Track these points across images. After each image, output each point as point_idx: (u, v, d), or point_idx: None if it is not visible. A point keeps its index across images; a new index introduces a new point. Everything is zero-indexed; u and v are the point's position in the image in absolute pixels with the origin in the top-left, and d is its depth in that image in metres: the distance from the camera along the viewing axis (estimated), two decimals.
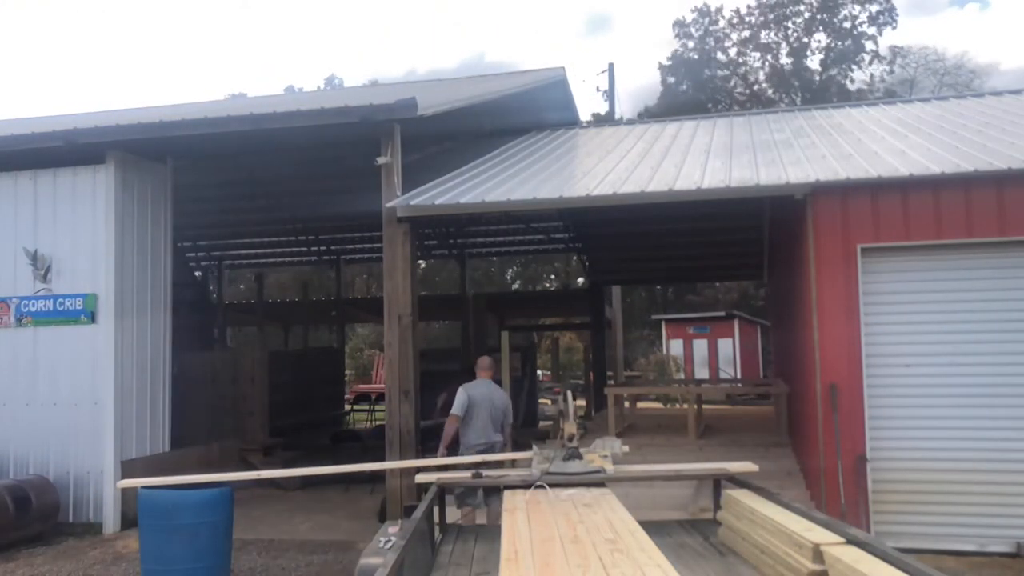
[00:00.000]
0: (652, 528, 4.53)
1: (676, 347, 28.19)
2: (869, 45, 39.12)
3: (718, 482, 5.73)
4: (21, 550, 8.64)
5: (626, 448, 6.45)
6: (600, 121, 23.00)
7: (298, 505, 10.59)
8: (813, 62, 40.14)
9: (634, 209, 10.59)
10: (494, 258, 32.68)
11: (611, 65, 30.02)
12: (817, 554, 3.68)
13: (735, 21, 40.60)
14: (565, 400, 6.17)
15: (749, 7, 40.34)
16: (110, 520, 9.55)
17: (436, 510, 5.45)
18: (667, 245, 17.29)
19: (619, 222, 15.00)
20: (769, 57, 40.27)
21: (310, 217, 17.35)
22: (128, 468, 9.76)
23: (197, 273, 20.61)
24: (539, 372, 24.67)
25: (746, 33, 40.28)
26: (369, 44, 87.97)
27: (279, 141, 10.39)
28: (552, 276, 40.82)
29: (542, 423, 17.73)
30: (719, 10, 41.30)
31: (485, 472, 5.97)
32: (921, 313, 7.99)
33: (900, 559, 3.45)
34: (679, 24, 41.38)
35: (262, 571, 7.75)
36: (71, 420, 9.77)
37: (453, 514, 5.88)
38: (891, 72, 39.47)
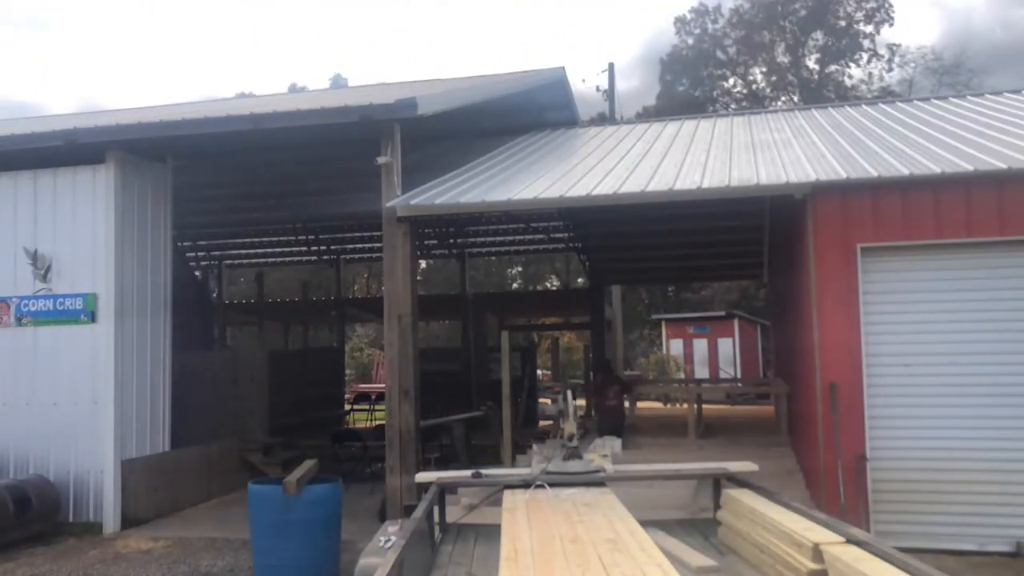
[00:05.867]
0: (651, 527, 4.53)
1: (676, 347, 28.22)
2: (867, 43, 39.19)
3: (718, 482, 5.72)
4: (21, 550, 8.64)
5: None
6: (600, 121, 22.99)
7: None
8: (810, 60, 40.21)
9: (634, 209, 10.60)
10: (494, 258, 32.68)
11: (611, 65, 30.15)
12: (817, 553, 3.68)
13: (734, 20, 40.67)
14: (565, 399, 6.17)
15: (744, 7, 40.39)
16: (110, 520, 9.55)
17: (436, 510, 5.45)
18: (667, 245, 17.27)
19: (619, 222, 14.99)
20: (763, 55, 40.32)
21: (310, 217, 17.36)
22: (128, 468, 9.77)
23: (197, 273, 20.60)
24: (539, 372, 24.68)
25: (744, 32, 40.34)
26: (374, 44, 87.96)
27: (279, 140, 10.39)
28: (552, 276, 40.85)
29: (542, 422, 17.72)
30: (717, 8, 41.46)
31: (485, 471, 5.96)
32: (921, 313, 7.99)
33: (900, 558, 3.45)
34: (680, 21, 41.44)
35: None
36: (71, 420, 9.77)
37: (453, 514, 5.87)
38: (889, 70, 39.57)
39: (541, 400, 20.56)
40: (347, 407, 20.23)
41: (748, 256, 17.80)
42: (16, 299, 10.09)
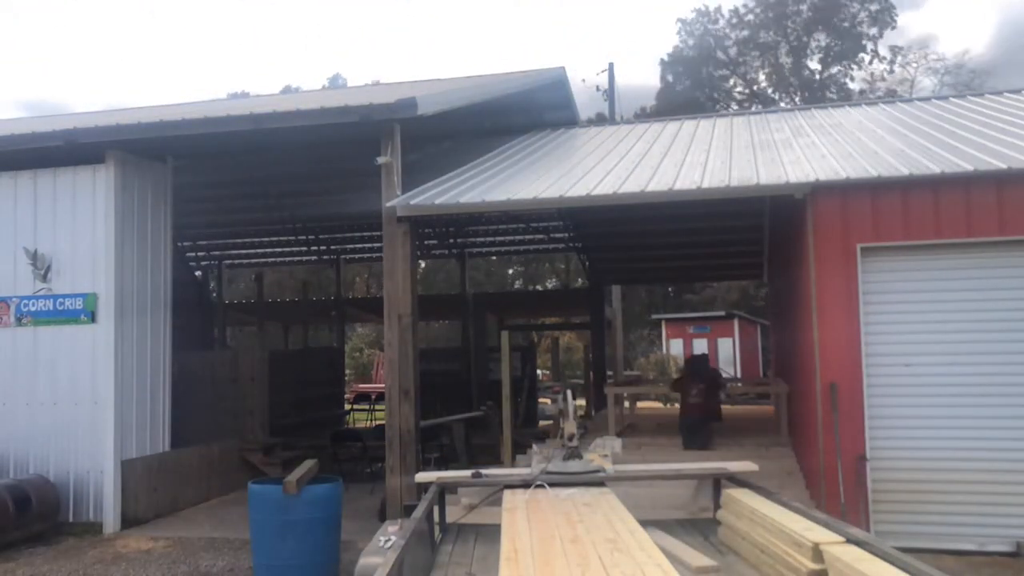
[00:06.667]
0: (651, 527, 4.53)
1: (676, 347, 28.23)
2: (869, 45, 39.20)
3: (718, 481, 5.72)
4: (21, 550, 8.64)
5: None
6: (600, 121, 22.99)
7: None
8: (813, 61, 40.21)
9: (634, 209, 10.60)
10: (494, 258, 32.69)
11: (611, 65, 30.21)
12: (817, 553, 3.68)
13: (735, 21, 40.68)
14: (565, 399, 6.17)
15: (747, 6, 40.39)
16: (110, 520, 9.55)
17: (436, 510, 5.45)
18: (667, 245, 17.28)
19: (619, 222, 15.00)
20: (769, 57, 40.31)
21: (310, 217, 17.36)
22: (128, 468, 9.78)
23: (197, 273, 20.60)
24: (539, 372, 24.68)
25: (746, 33, 40.33)
26: (373, 44, 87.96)
27: (279, 141, 10.40)
28: (552, 276, 40.85)
29: (542, 422, 17.72)
30: (718, 9, 41.58)
31: (485, 471, 5.96)
32: (921, 312, 7.99)
33: (900, 558, 3.45)
34: (682, 21, 41.49)
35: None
36: (71, 420, 9.77)
37: (453, 514, 5.87)
38: (891, 72, 39.58)
39: (541, 400, 20.56)
40: (347, 407, 20.24)
41: (748, 256, 17.80)
42: (16, 299, 10.09)
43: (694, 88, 39.86)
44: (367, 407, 21.42)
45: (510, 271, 41.89)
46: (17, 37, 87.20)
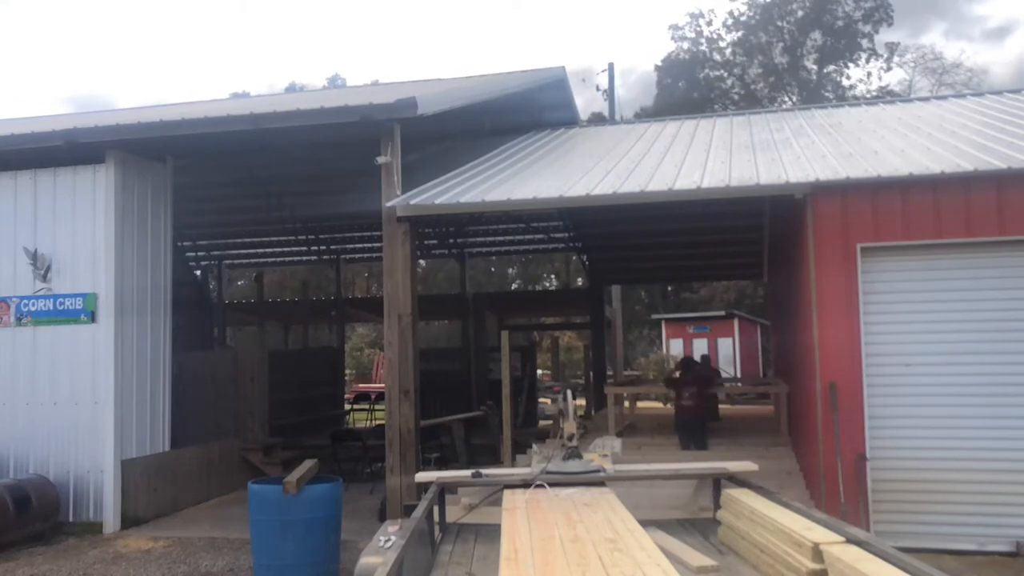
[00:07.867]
0: (652, 527, 4.52)
1: (676, 346, 28.20)
2: (865, 43, 39.18)
3: (718, 481, 5.72)
4: (21, 549, 8.64)
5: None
6: (600, 121, 23.00)
7: None
8: (808, 60, 40.15)
9: (634, 209, 10.61)
10: (494, 258, 32.67)
11: (611, 65, 30.35)
12: (817, 553, 3.67)
13: (729, 23, 40.65)
14: (565, 399, 6.16)
15: (740, 11, 40.33)
16: (110, 519, 9.56)
17: (436, 510, 5.44)
18: (667, 245, 17.29)
19: (619, 222, 15.01)
20: (761, 56, 40.23)
21: (310, 217, 17.38)
22: (128, 468, 9.78)
23: (197, 272, 20.60)
24: (539, 372, 24.69)
25: (740, 34, 40.28)
26: (373, 43, 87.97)
27: (279, 140, 10.40)
28: (552, 276, 40.84)
29: (542, 422, 17.73)
30: (712, 11, 41.60)
31: (485, 471, 5.96)
32: (921, 313, 7.99)
33: (900, 558, 3.45)
34: (673, 27, 41.53)
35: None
36: (71, 419, 9.78)
37: (453, 514, 5.87)
38: (888, 70, 39.58)
39: (541, 400, 20.57)
40: (347, 407, 20.24)
41: (748, 256, 17.80)
42: (16, 299, 10.09)
43: (691, 90, 39.80)
44: (367, 407, 21.44)
45: (510, 271, 41.88)
46: (13, 39, 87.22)
